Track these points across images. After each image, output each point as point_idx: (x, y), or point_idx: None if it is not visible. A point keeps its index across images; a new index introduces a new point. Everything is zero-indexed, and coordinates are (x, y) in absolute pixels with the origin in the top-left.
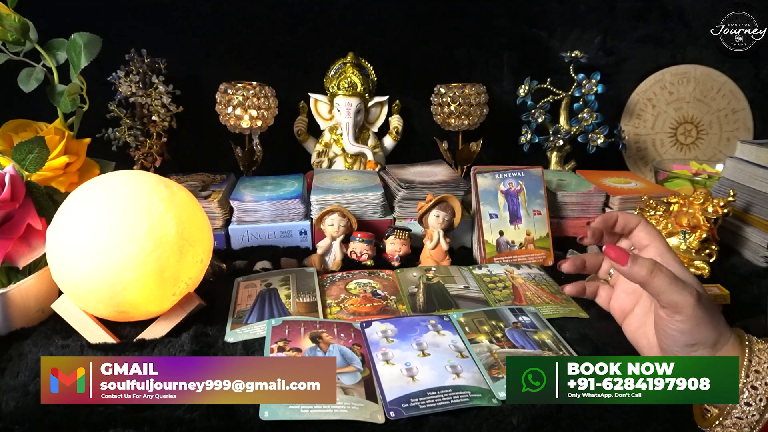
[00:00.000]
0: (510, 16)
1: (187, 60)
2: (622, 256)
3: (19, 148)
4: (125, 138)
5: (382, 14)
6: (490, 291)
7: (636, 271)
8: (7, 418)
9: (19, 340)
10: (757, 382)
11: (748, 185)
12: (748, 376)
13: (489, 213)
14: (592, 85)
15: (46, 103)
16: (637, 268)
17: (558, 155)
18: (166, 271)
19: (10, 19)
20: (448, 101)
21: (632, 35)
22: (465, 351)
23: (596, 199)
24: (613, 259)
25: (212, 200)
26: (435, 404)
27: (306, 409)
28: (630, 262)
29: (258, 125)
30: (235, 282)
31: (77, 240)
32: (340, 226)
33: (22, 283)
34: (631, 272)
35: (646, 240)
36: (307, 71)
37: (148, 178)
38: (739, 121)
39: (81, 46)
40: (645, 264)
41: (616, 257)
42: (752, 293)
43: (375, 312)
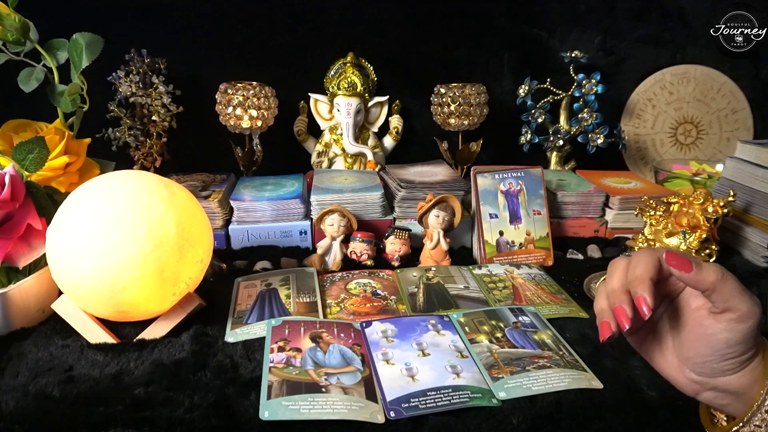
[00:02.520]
0: (510, 16)
1: (187, 60)
2: (684, 263)
3: (19, 148)
4: (125, 138)
5: (382, 14)
6: (490, 291)
7: (704, 277)
8: (7, 418)
9: (19, 340)
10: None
11: (748, 185)
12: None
13: (489, 213)
14: (592, 85)
15: (46, 103)
16: (705, 274)
17: (558, 155)
18: (166, 271)
19: (11, 19)
20: (448, 101)
21: (632, 35)
22: (465, 351)
23: (596, 199)
24: (676, 267)
25: (212, 200)
26: (435, 404)
27: (306, 409)
28: (695, 267)
29: (258, 125)
30: (235, 282)
31: (77, 240)
32: (340, 226)
33: (22, 283)
34: (699, 279)
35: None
36: (307, 71)
37: (148, 178)
38: (739, 121)
39: (83, 46)
40: (713, 268)
41: (679, 264)
42: (752, 293)
43: (375, 312)
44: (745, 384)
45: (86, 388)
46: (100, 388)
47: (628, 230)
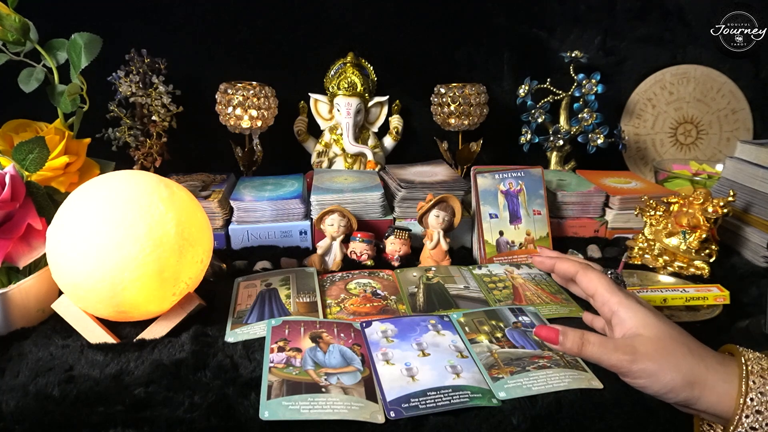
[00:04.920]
0: (510, 15)
1: (187, 60)
2: (552, 337)
3: (19, 148)
4: (125, 138)
5: (382, 14)
6: (490, 291)
7: (567, 349)
8: (7, 418)
9: (19, 340)
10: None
11: (748, 185)
12: (751, 399)
13: (489, 213)
14: (592, 85)
15: (46, 103)
16: (568, 346)
17: (558, 155)
18: (166, 271)
19: (11, 19)
20: (448, 101)
21: (632, 35)
22: (465, 351)
23: (596, 199)
24: (545, 340)
25: (212, 200)
26: (435, 404)
27: (306, 409)
28: (561, 338)
29: (258, 125)
30: (235, 282)
31: (77, 240)
32: (340, 226)
33: (22, 283)
34: (564, 350)
35: (590, 288)
36: (307, 71)
37: (148, 178)
38: (739, 121)
39: (81, 46)
40: (573, 339)
41: (547, 337)
42: (752, 293)
43: (375, 312)
44: (713, 408)
45: (86, 388)
46: (100, 388)
47: (628, 230)
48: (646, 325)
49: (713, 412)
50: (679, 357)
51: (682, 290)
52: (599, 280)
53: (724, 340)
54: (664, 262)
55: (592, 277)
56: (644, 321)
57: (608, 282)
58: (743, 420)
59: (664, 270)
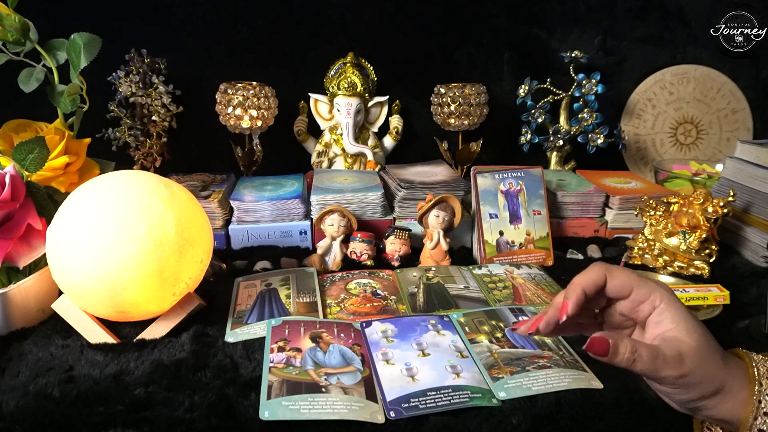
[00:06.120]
0: (510, 16)
1: (187, 60)
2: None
3: (19, 148)
4: (125, 138)
5: (382, 14)
6: (490, 291)
7: (616, 363)
8: (7, 418)
9: (19, 340)
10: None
11: (748, 185)
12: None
13: (489, 213)
14: (592, 85)
15: (46, 103)
16: (618, 360)
17: (558, 155)
18: (166, 271)
19: (10, 19)
20: (448, 101)
21: (632, 35)
22: (465, 351)
23: (596, 199)
24: (596, 353)
25: (212, 200)
26: (435, 404)
27: (306, 409)
28: (611, 351)
29: (258, 125)
30: (235, 282)
31: (77, 240)
32: (340, 226)
33: (22, 283)
34: (613, 363)
35: (625, 286)
36: (307, 71)
37: (148, 178)
38: (739, 121)
39: (81, 46)
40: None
41: (600, 351)
42: (752, 293)
43: (375, 312)
44: (728, 414)
45: (86, 388)
46: (100, 388)
47: (628, 230)
48: (688, 330)
49: (724, 418)
50: (716, 368)
51: (682, 290)
52: (628, 276)
53: (724, 340)
54: (664, 262)
55: (620, 274)
56: (686, 325)
57: (638, 275)
58: (755, 423)
59: (664, 270)
